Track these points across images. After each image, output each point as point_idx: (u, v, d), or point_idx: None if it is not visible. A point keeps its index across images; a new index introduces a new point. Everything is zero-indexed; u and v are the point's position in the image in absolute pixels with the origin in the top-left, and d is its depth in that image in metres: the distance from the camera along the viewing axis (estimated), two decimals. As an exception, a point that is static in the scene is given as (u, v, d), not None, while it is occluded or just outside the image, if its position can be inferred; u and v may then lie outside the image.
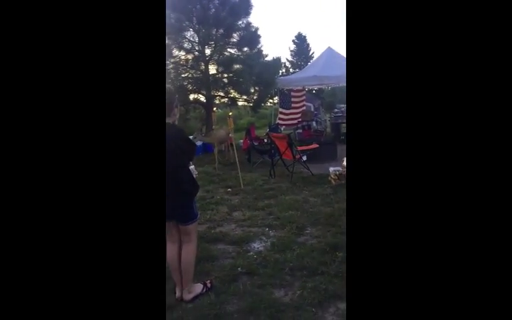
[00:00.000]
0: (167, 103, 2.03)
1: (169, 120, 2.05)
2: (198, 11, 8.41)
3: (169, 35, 8.33)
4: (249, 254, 2.92)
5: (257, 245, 3.11)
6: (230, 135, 6.45)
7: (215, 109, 8.06)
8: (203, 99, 9.60)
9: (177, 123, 2.17)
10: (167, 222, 2.20)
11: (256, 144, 7.63)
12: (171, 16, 8.03)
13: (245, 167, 6.52)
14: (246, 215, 3.90)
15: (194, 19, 8.56)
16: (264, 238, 3.25)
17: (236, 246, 3.09)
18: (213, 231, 3.45)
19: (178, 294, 2.27)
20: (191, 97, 9.45)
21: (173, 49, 8.63)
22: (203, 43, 8.81)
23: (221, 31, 8.77)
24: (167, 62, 8.59)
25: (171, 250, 2.26)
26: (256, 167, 6.73)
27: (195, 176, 2.21)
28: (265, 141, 7.62)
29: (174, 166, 2.01)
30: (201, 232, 3.18)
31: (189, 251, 2.22)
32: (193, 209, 2.18)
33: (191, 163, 2.25)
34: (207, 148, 8.07)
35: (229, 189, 5.14)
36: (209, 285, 2.36)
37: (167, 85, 2.23)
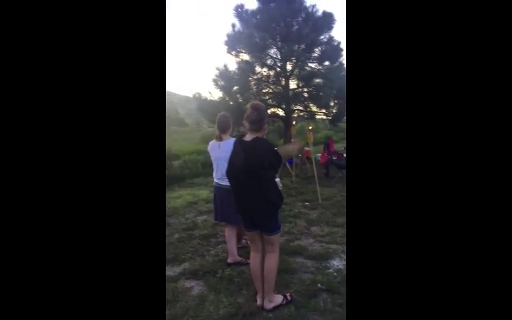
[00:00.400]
0: (260, 119, 2.16)
1: (258, 134, 2.18)
2: (282, 28, 8.69)
3: (252, 53, 8.77)
4: (328, 271, 2.87)
5: (336, 263, 3.04)
6: (306, 148, 6.45)
7: (294, 122, 8.15)
8: (281, 112, 9.82)
9: (265, 137, 2.28)
10: (252, 231, 2.32)
11: (335, 158, 7.47)
12: (255, 35, 8.46)
13: (323, 182, 6.43)
14: (324, 231, 3.85)
15: (277, 36, 8.86)
16: (344, 256, 3.16)
17: (315, 261, 3.07)
18: (291, 244, 3.48)
19: (259, 302, 2.36)
20: (270, 111, 9.74)
21: (255, 66, 9.05)
22: (284, 59, 9.05)
23: (303, 46, 8.89)
24: (250, 78, 9.04)
25: (254, 258, 2.37)
26: (334, 181, 6.58)
27: (280, 188, 2.28)
28: (344, 155, 7.41)
29: (263, 178, 2.12)
30: (279, 244, 3.24)
31: (272, 261, 2.30)
32: (277, 220, 2.26)
33: (276, 175, 2.34)
34: (287, 161, 8.17)
35: (307, 203, 5.13)
36: (289, 298, 2.40)
37: (258, 102, 2.35)
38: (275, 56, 9.26)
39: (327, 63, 9.24)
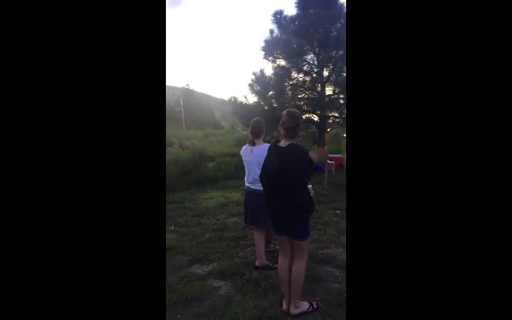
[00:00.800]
0: (295, 126, 2.19)
1: (293, 141, 2.21)
2: (320, 34, 8.62)
3: (289, 59, 8.79)
4: (357, 283, 2.81)
5: (366, 275, 2.97)
6: (339, 155, 6.33)
7: (329, 129, 8.03)
8: (316, 118, 9.73)
9: (299, 143, 2.30)
10: (281, 236, 2.34)
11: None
12: (293, 41, 8.47)
13: (356, 192, 6.26)
14: (355, 242, 3.77)
15: (315, 42, 8.81)
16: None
17: (343, 271, 3.01)
18: (320, 252, 3.45)
19: (284, 307, 2.37)
20: (305, 116, 9.69)
21: (292, 72, 9.05)
22: (321, 65, 8.97)
23: (341, 52, 8.77)
24: (285, 84, 9.05)
25: (282, 263, 2.39)
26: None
27: (312, 195, 2.29)
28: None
29: (296, 184, 2.14)
30: (308, 251, 3.23)
31: (300, 266, 2.30)
32: (307, 226, 2.27)
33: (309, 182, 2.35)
34: (317, 168, 8.08)
35: (338, 211, 5.04)
36: (315, 306, 2.39)
37: (294, 109, 2.37)
38: (311, 62, 9.21)
39: (365, 70, 9.05)
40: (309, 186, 2.35)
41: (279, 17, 9.08)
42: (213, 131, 25.83)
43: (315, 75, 9.20)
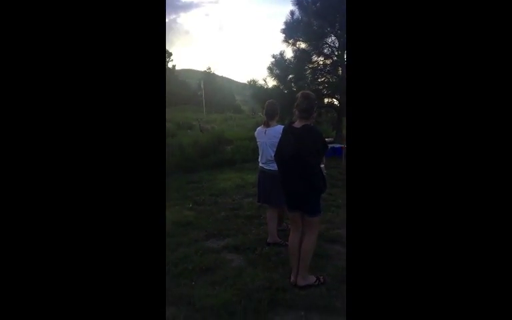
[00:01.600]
0: (309, 107, 2.28)
1: (307, 122, 2.30)
2: (341, 16, 8.46)
3: (310, 42, 8.69)
4: (365, 262, 2.89)
5: (375, 255, 3.03)
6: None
7: (347, 114, 7.94)
8: (336, 102, 9.64)
9: (312, 124, 2.38)
10: (294, 212, 2.45)
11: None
12: (314, 23, 8.36)
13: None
14: (367, 224, 3.81)
15: (337, 24, 8.66)
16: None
17: (353, 251, 3.09)
18: (331, 232, 3.54)
19: (292, 278, 2.50)
20: (325, 100, 9.62)
21: (312, 55, 8.96)
22: (342, 48, 8.83)
23: (363, 35, 8.58)
24: (305, 67, 8.99)
25: (293, 237, 2.51)
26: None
27: (324, 174, 2.39)
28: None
29: (310, 163, 2.24)
30: (319, 230, 3.32)
31: (310, 241, 2.42)
32: (319, 204, 2.38)
33: (322, 162, 2.44)
34: (337, 152, 8.04)
35: (353, 196, 5.07)
36: (321, 280, 2.50)
37: (308, 91, 2.43)
38: (332, 45, 9.08)
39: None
40: (322, 165, 2.44)
41: (300, -2, 8.95)
42: (233, 114, 25.92)
43: (336, 58, 9.07)
